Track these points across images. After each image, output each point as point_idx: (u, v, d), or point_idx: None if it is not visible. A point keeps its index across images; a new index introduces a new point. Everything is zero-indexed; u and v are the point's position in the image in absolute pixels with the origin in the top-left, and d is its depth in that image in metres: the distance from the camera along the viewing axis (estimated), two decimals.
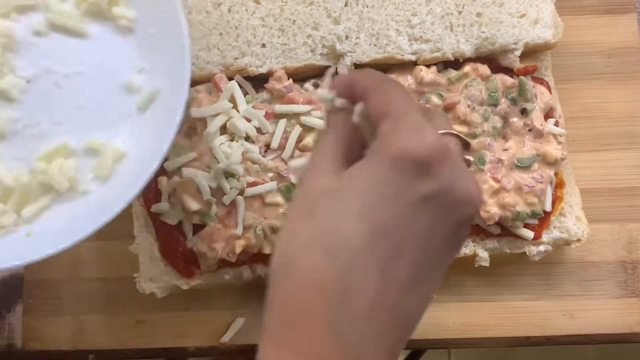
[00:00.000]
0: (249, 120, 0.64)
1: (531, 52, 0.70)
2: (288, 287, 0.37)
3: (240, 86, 0.66)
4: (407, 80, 0.67)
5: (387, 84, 0.42)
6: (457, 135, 0.42)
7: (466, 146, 0.42)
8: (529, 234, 0.66)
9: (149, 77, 0.57)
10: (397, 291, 0.37)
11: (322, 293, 0.36)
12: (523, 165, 0.66)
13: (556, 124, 0.68)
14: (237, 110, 0.64)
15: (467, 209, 0.39)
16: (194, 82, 0.67)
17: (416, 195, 0.38)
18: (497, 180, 0.65)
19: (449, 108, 0.66)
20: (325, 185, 0.40)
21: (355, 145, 0.42)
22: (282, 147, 0.64)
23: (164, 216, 0.65)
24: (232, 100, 0.64)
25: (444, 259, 0.40)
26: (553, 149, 0.66)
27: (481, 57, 0.69)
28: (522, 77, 0.67)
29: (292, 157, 0.64)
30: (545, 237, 0.67)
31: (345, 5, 0.68)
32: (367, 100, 0.41)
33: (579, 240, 0.68)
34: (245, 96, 0.65)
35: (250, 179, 0.63)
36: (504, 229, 0.67)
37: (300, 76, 0.69)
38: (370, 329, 0.37)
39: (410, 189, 0.38)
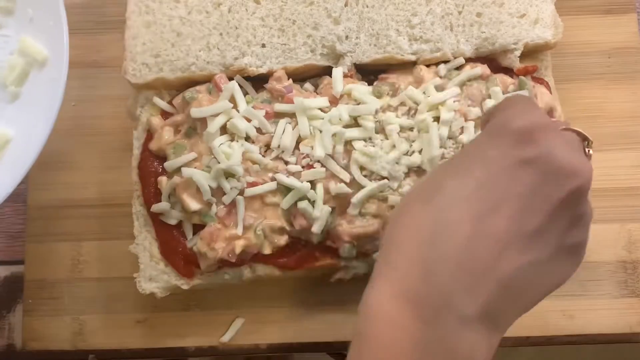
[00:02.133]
0: (249, 120, 0.64)
1: (531, 52, 0.70)
2: (394, 229, 0.44)
3: (240, 86, 0.66)
4: (407, 80, 0.67)
5: (514, 97, 0.50)
6: (577, 132, 0.46)
7: (587, 141, 0.47)
8: None
9: (27, 59, 0.58)
10: (492, 244, 0.41)
11: (417, 233, 0.42)
12: None
13: None
14: (237, 110, 0.64)
15: (569, 181, 0.42)
16: (194, 82, 0.67)
17: (515, 158, 0.42)
18: None
19: None
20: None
21: None
22: (282, 147, 0.64)
23: (164, 216, 0.65)
24: (232, 100, 0.64)
25: (560, 235, 0.43)
26: None
27: (481, 57, 0.69)
28: (522, 77, 0.67)
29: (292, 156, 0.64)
30: None
31: (345, 5, 0.68)
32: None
33: None
34: (245, 96, 0.65)
35: (250, 179, 0.63)
36: None
37: (300, 76, 0.69)
38: (461, 272, 0.40)
39: (510, 152, 0.42)
